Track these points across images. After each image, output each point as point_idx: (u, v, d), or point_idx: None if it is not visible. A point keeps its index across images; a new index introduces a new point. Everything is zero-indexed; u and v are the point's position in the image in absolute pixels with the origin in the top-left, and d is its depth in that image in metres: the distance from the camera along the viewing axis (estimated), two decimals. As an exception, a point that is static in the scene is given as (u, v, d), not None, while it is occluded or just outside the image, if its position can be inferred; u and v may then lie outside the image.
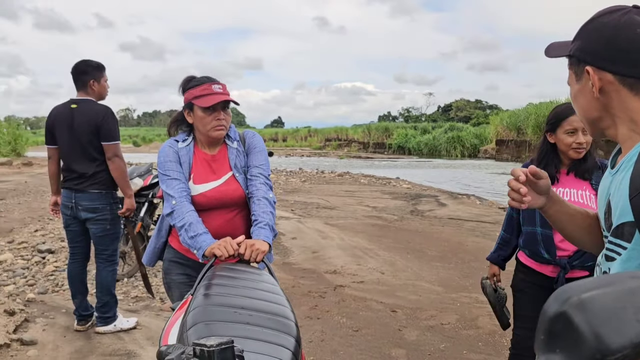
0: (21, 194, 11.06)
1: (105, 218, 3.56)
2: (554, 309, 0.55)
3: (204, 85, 2.09)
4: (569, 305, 0.54)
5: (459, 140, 38.91)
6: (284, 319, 1.46)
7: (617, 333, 0.52)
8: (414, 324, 3.94)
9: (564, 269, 2.24)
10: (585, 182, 2.23)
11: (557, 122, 2.24)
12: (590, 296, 0.54)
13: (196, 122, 2.12)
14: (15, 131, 24.48)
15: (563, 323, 0.54)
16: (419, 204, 10.95)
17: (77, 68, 3.58)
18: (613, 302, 0.54)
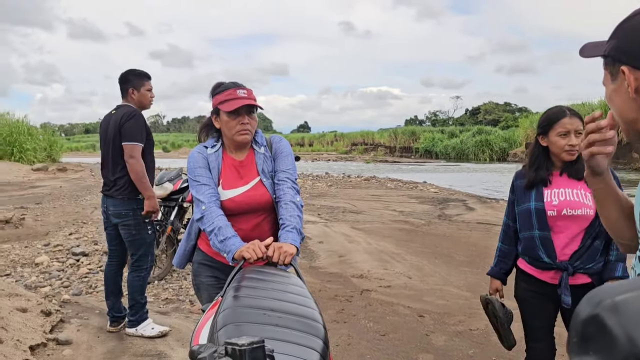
0: (56, 199, 11.38)
1: (129, 223, 3.58)
2: (586, 312, 0.55)
3: (229, 90, 2.13)
4: (602, 308, 0.54)
5: (487, 143, 38.41)
6: (312, 321, 1.47)
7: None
8: (442, 329, 3.91)
9: (566, 271, 2.18)
10: (580, 182, 2.19)
11: (549, 124, 2.21)
12: (624, 299, 0.54)
13: (222, 126, 2.16)
14: (50, 138, 25.23)
15: (596, 326, 0.54)
16: (447, 208, 10.84)
17: (120, 76, 3.67)
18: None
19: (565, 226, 2.19)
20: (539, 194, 2.24)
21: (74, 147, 63.27)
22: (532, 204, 2.25)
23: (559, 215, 2.18)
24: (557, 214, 2.19)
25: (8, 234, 7.12)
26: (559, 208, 2.18)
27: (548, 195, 2.23)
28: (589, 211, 2.14)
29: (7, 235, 7.04)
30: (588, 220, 2.16)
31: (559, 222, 2.19)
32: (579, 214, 2.16)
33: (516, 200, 2.36)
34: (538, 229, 2.23)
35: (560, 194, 2.21)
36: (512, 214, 2.39)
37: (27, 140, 21.70)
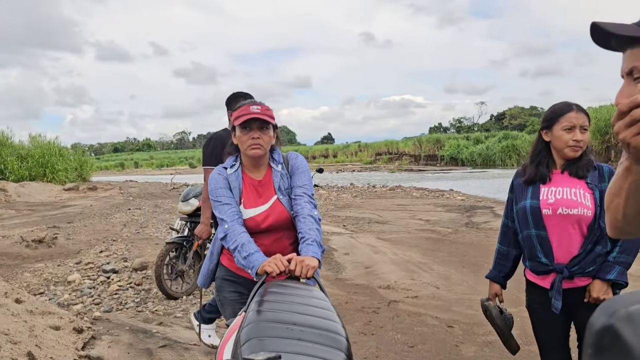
0: (87, 217, 11.64)
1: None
2: (601, 322, 0.54)
3: (244, 106, 2.18)
4: (617, 318, 0.53)
5: (514, 148, 37.88)
6: (335, 334, 1.47)
7: (667, 346, 0.50)
8: (472, 340, 3.84)
9: (560, 273, 2.10)
10: (581, 181, 2.11)
11: (554, 118, 2.14)
12: (638, 308, 0.53)
13: (238, 143, 2.22)
14: (80, 158, 25.87)
15: (611, 336, 0.53)
16: (474, 215, 10.70)
17: (227, 99, 3.69)
18: (662, 315, 0.52)
19: (561, 226, 2.10)
20: (536, 192, 2.17)
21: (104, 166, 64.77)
22: (528, 201, 2.17)
23: (554, 214, 2.11)
24: (553, 212, 2.11)
25: (41, 253, 7.31)
26: (555, 207, 2.11)
27: (545, 193, 2.15)
28: (586, 211, 2.06)
29: (41, 254, 7.23)
30: (585, 221, 2.07)
31: (554, 221, 2.11)
32: (574, 214, 2.07)
33: (514, 199, 2.29)
34: (534, 227, 2.16)
35: (558, 192, 2.13)
36: (511, 214, 2.31)
37: (58, 161, 22.29)
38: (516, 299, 3.94)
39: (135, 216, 11.84)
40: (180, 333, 4.01)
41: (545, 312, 2.17)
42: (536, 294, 2.23)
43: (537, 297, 2.22)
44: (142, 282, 5.61)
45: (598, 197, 2.05)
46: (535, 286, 2.23)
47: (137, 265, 6.14)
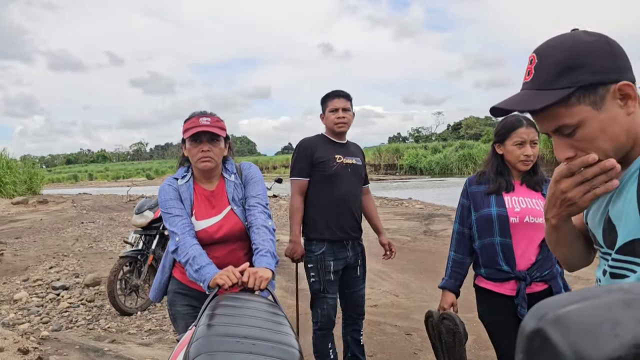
0: (36, 232, 11.19)
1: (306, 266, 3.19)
2: (530, 326, 0.54)
3: (193, 118, 2.14)
4: (545, 322, 0.54)
5: (471, 157, 38.87)
6: (287, 347, 1.45)
7: (594, 348, 0.51)
8: (430, 347, 3.86)
9: (524, 281, 2.15)
10: (537, 193, 2.21)
11: (506, 133, 2.21)
12: (566, 312, 0.54)
13: (187, 154, 2.18)
14: (30, 170, 24.91)
15: (540, 340, 0.53)
16: (432, 223, 10.88)
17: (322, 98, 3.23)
18: (590, 317, 0.53)
19: (525, 234, 2.17)
20: (500, 200, 2.22)
21: (56, 178, 62.62)
22: (494, 209, 2.21)
23: (521, 223, 2.16)
24: (520, 221, 2.17)
25: (-14, 270, 6.96)
26: (522, 215, 2.17)
27: (509, 201, 2.21)
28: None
29: (-14, 272, 6.89)
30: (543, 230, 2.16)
31: (520, 230, 2.17)
32: (540, 222, 2.14)
33: (473, 207, 2.29)
34: (499, 235, 2.19)
35: (521, 201, 2.20)
36: (468, 221, 2.32)
37: (6, 174, 21.42)
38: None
39: (88, 230, 11.46)
40: (133, 350, 3.89)
41: (504, 318, 2.20)
42: (493, 301, 2.25)
43: (495, 304, 2.24)
44: (94, 298, 5.42)
45: None
46: (491, 293, 2.25)
47: (89, 281, 5.93)
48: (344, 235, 3.07)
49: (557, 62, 0.96)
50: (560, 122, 0.98)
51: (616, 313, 0.53)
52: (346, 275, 3.13)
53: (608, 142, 0.97)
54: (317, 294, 3.11)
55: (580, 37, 0.97)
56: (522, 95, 1.01)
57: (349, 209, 3.07)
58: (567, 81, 0.95)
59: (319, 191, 3.06)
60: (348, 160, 3.10)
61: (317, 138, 3.16)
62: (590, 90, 0.95)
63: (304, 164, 3.07)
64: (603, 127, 0.96)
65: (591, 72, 0.94)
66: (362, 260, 3.22)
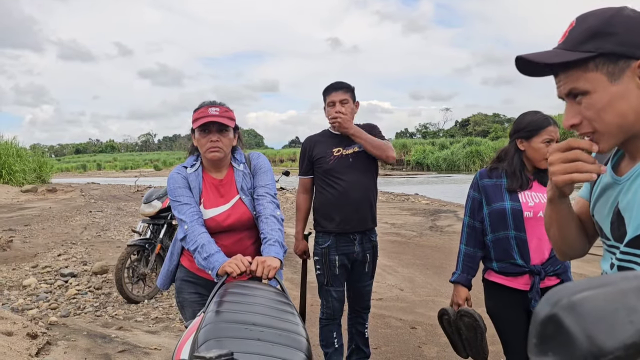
0: (45, 220, 11.28)
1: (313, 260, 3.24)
2: (544, 312, 0.55)
3: (202, 108, 2.14)
4: (560, 308, 0.54)
5: (478, 154, 38.71)
6: (295, 334, 1.46)
7: (608, 335, 0.51)
8: (434, 341, 3.89)
9: (538, 275, 2.16)
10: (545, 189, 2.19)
11: (535, 130, 2.20)
12: (581, 298, 0.54)
13: (197, 144, 2.18)
14: (40, 159, 25.06)
15: (554, 326, 0.54)
16: (438, 219, 10.86)
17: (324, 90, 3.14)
18: (604, 304, 0.53)
19: (539, 229, 2.17)
20: (514, 195, 2.22)
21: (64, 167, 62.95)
22: (508, 203, 2.21)
23: (535, 217, 2.17)
24: (534, 215, 2.17)
25: (-4, 256, 7.04)
26: (536, 210, 2.18)
27: (522, 196, 2.21)
28: None
29: (-5, 258, 6.96)
30: None
31: (534, 224, 2.17)
32: None
33: (485, 200, 2.28)
34: (514, 229, 2.19)
35: (534, 196, 2.21)
36: (479, 215, 2.31)
37: (16, 162, 21.53)
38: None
39: (96, 219, 11.54)
40: (140, 337, 3.92)
41: (515, 313, 2.20)
42: (504, 296, 2.25)
43: (505, 299, 2.24)
44: (102, 286, 5.47)
45: None
46: (502, 287, 2.25)
47: (97, 268, 5.98)
48: (349, 227, 3.05)
49: (589, 27, 0.97)
50: (574, 84, 0.99)
51: (632, 300, 0.53)
52: (355, 269, 3.13)
53: (613, 116, 0.97)
54: (322, 286, 3.16)
55: (623, 11, 0.97)
56: (549, 52, 1.02)
57: (352, 200, 3.03)
58: (591, 46, 0.95)
59: (321, 186, 3.09)
60: (349, 150, 3.03)
61: (319, 134, 3.16)
62: (611, 60, 0.95)
63: (305, 162, 3.13)
64: (612, 100, 0.96)
65: (617, 43, 0.94)
66: (373, 257, 3.18)
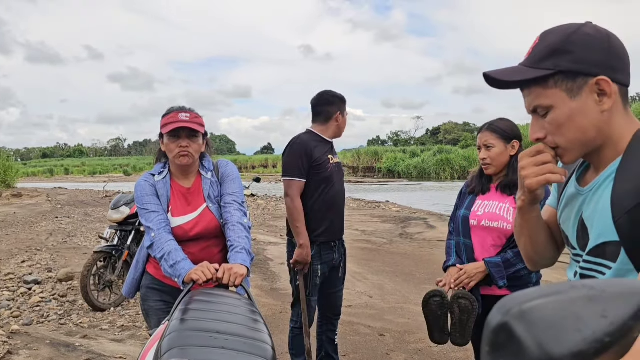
0: (9, 225, 10.94)
1: (291, 268, 3.08)
2: (496, 320, 0.56)
3: (172, 113, 2.13)
4: (511, 316, 0.55)
5: (448, 162, 39.26)
6: (260, 342, 1.45)
7: (557, 342, 0.53)
8: (402, 348, 3.92)
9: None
10: (510, 197, 2.24)
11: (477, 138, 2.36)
12: (531, 306, 0.55)
13: (165, 150, 2.17)
14: (5, 163, 24.30)
15: (505, 334, 0.55)
16: (408, 226, 10.96)
17: (324, 97, 3.11)
18: (553, 312, 0.55)
19: (482, 237, 2.26)
20: (471, 203, 2.34)
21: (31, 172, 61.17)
22: (462, 211, 2.34)
23: (479, 225, 2.26)
24: (477, 223, 2.27)
25: (-45, 263, 6.79)
26: (480, 219, 2.26)
27: (478, 205, 2.31)
28: (506, 225, 2.20)
29: (-46, 264, 6.71)
30: (504, 234, 2.21)
31: (478, 232, 2.27)
32: (494, 227, 2.22)
33: (456, 205, 2.44)
34: (462, 235, 2.32)
35: (488, 205, 2.28)
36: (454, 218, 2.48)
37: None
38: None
39: (63, 225, 11.26)
40: (105, 346, 3.84)
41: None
42: None
43: None
44: (67, 293, 5.33)
45: None
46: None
47: (62, 275, 5.83)
48: (333, 236, 3.06)
49: (549, 45, 1.00)
50: (536, 101, 1.03)
51: (579, 308, 0.55)
52: (330, 276, 3.13)
53: (574, 132, 1.00)
54: (300, 298, 3.06)
55: (583, 29, 1.00)
56: (512, 69, 1.05)
57: (339, 208, 3.08)
58: (550, 63, 0.99)
59: (314, 194, 2.97)
60: (335, 159, 3.11)
61: (309, 136, 3.04)
62: (569, 77, 0.98)
63: (303, 164, 2.92)
64: (572, 115, 0.99)
65: (574, 60, 0.97)
66: (344, 262, 3.22)
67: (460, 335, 2.26)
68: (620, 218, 0.96)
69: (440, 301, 2.30)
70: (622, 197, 0.97)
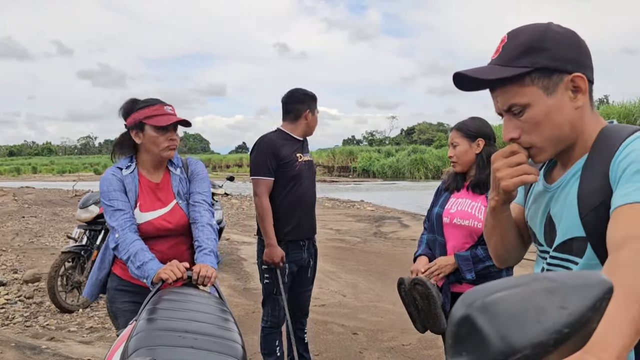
0: (-28, 225, 10.61)
1: (260, 267, 3.07)
2: (459, 313, 0.56)
3: (156, 105, 2.08)
4: (473, 309, 0.55)
5: (422, 162, 39.60)
6: (230, 341, 1.44)
7: (518, 334, 0.54)
8: (375, 346, 3.93)
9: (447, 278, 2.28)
10: (482, 196, 2.27)
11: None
12: (494, 299, 0.56)
13: (146, 142, 2.09)
14: (-32, 160, 23.54)
15: (468, 326, 0.55)
16: (383, 225, 11.03)
17: (293, 96, 3.10)
18: (515, 304, 0.55)
19: (454, 234, 2.30)
20: (445, 200, 2.37)
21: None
22: (436, 209, 2.38)
23: (451, 223, 2.30)
24: (450, 221, 2.31)
25: None
26: (452, 216, 2.30)
27: (451, 202, 2.35)
28: (476, 223, 2.24)
29: None
30: (475, 232, 2.24)
31: (450, 230, 2.31)
32: (465, 225, 2.26)
33: (432, 203, 2.47)
34: (436, 233, 2.36)
35: (460, 203, 2.32)
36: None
37: (-59, 164, 20.17)
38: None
39: (30, 224, 10.97)
40: (73, 348, 3.76)
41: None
42: None
43: None
44: (33, 294, 5.19)
45: None
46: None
47: (28, 277, 5.68)
48: (301, 235, 3.05)
49: (523, 43, 1.00)
50: (512, 100, 1.02)
51: (540, 300, 0.56)
52: (298, 275, 3.12)
53: (551, 129, 1.01)
54: (270, 295, 3.06)
55: (552, 27, 1.02)
56: (485, 67, 1.05)
57: (308, 207, 3.07)
58: (526, 61, 0.99)
59: (281, 192, 2.98)
60: (306, 157, 3.09)
61: (277, 135, 3.04)
62: (545, 75, 0.99)
63: (270, 162, 2.93)
64: (549, 112, 1.00)
65: (551, 58, 0.98)
66: (314, 262, 3.23)
67: (433, 323, 2.25)
68: (587, 215, 0.98)
69: (404, 288, 2.33)
70: (587, 194, 0.99)
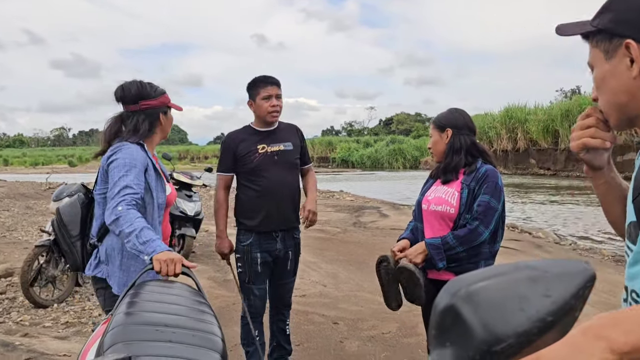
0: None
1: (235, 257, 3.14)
2: (443, 303, 0.55)
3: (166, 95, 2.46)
4: (457, 298, 0.54)
5: (401, 152, 39.89)
6: (209, 335, 1.42)
7: (502, 323, 0.53)
8: (355, 335, 3.95)
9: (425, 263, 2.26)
10: (457, 182, 2.29)
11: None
12: (477, 288, 0.55)
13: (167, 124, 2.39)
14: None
15: (452, 316, 0.54)
16: (362, 215, 11.07)
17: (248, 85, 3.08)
18: (498, 293, 0.55)
19: (430, 220, 2.33)
20: (427, 189, 2.42)
21: (-34, 163, 57.92)
22: (420, 196, 2.43)
23: (428, 209, 2.34)
24: (427, 207, 2.34)
25: None
26: (429, 203, 2.34)
27: (431, 190, 2.39)
28: (449, 209, 2.25)
29: None
30: (449, 217, 2.25)
31: (427, 216, 2.34)
32: (439, 210, 2.29)
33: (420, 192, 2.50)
34: (418, 219, 2.41)
35: (437, 190, 2.36)
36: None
37: None
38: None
39: (1, 218, 10.71)
40: (48, 344, 3.69)
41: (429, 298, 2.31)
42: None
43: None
44: (5, 290, 5.07)
45: (465, 196, 2.21)
46: None
47: (0, 271, 5.55)
48: (271, 226, 3.03)
49: (604, 2, 0.97)
50: (588, 58, 1.00)
51: (523, 289, 0.55)
52: (277, 267, 3.11)
53: (607, 94, 0.97)
54: (244, 284, 3.08)
55: None
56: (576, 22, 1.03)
57: (276, 199, 3.01)
58: (597, 21, 0.96)
59: (243, 184, 3.05)
60: (274, 147, 3.01)
61: (242, 131, 3.08)
62: (607, 37, 0.94)
63: (227, 159, 3.04)
64: (605, 77, 0.96)
65: (613, 20, 0.93)
66: (295, 255, 3.19)
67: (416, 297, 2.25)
68: (637, 197, 0.90)
69: (387, 267, 2.36)
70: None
